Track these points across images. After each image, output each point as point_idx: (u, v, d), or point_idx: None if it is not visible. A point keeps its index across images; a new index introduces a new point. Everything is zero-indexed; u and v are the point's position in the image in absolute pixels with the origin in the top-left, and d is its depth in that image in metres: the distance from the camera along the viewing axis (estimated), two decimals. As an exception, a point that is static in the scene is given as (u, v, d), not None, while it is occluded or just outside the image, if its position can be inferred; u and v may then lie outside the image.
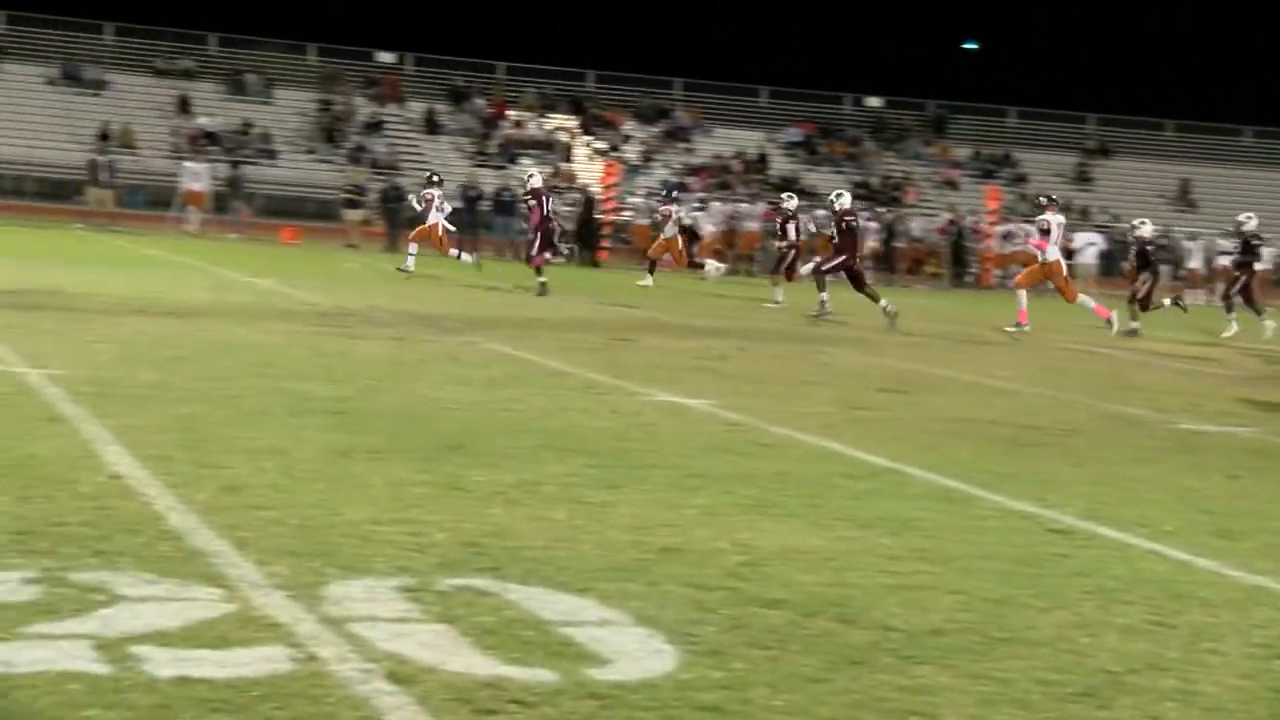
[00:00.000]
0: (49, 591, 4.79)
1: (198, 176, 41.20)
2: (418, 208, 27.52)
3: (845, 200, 23.02)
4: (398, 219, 38.43)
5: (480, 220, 40.52)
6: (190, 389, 9.70)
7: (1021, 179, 58.41)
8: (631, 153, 55.50)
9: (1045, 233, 21.64)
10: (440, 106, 56.77)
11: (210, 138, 49.69)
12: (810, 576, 5.76)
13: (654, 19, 68.21)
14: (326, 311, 17.08)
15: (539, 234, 24.19)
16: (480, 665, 4.38)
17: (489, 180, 44.91)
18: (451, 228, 27.58)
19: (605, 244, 38.80)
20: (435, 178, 28.15)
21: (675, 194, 28.82)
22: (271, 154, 51.39)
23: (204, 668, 4.16)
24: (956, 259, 43.12)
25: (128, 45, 55.64)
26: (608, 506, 6.81)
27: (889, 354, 16.83)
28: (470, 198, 41.11)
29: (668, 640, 4.75)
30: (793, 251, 26.05)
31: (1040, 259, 21.97)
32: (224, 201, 41.42)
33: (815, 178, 56.61)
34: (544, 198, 24.74)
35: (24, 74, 52.57)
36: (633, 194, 44.02)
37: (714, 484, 7.56)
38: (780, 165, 57.07)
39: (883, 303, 21.41)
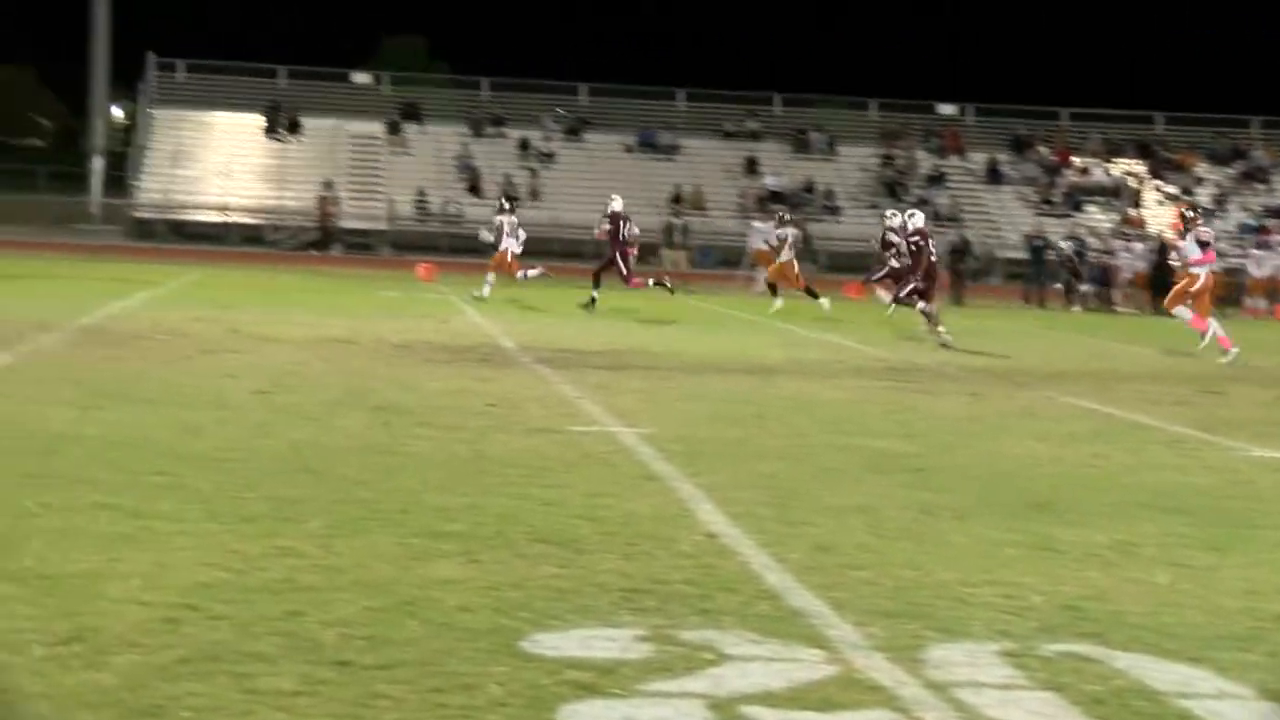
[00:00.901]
0: (660, 649, 4.93)
1: (766, 235, 42.21)
2: (489, 238, 27.55)
3: (918, 220, 23.06)
4: (963, 271, 38.25)
5: (1048, 271, 39.80)
6: (771, 446, 9.88)
7: None
8: (1204, 196, 53.32)
9: (1205, 245, 20.97)
10: (1002, 156, 56.23)
11: (776, 196, 50.90)
12: None
13: (1230, 57, 65.47)
14: (897, 366, 17.09)
15: (619, 256, 25.08)
16: (1093, 738, 4.23)
17: (1054, 230, 44.06)
18: (518, 250, 27.29)
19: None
20: (505, 204, 28.47)
21: (787, 217, 30.14)
22: (835, 210, 52.19)
23: (814, 730, 4.18)
24: None
25: (698, 110, 57.81)
26: (1213, 570, 6.50)
27: None
28: (1036, 248, 40.49)
29: (1295, 717, 4.47)
30: (883, 268, 25.36)
31: (1189, 271, 21.09)
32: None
33: None
34: (621, 221, 25.34)
35: (604, 142, 55.43)
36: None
37: (1328, 547, 7.09)
38: (1371, 201, 53.56)
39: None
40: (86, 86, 56.90)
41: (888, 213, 28.07)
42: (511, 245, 27.06)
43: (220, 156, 53.20)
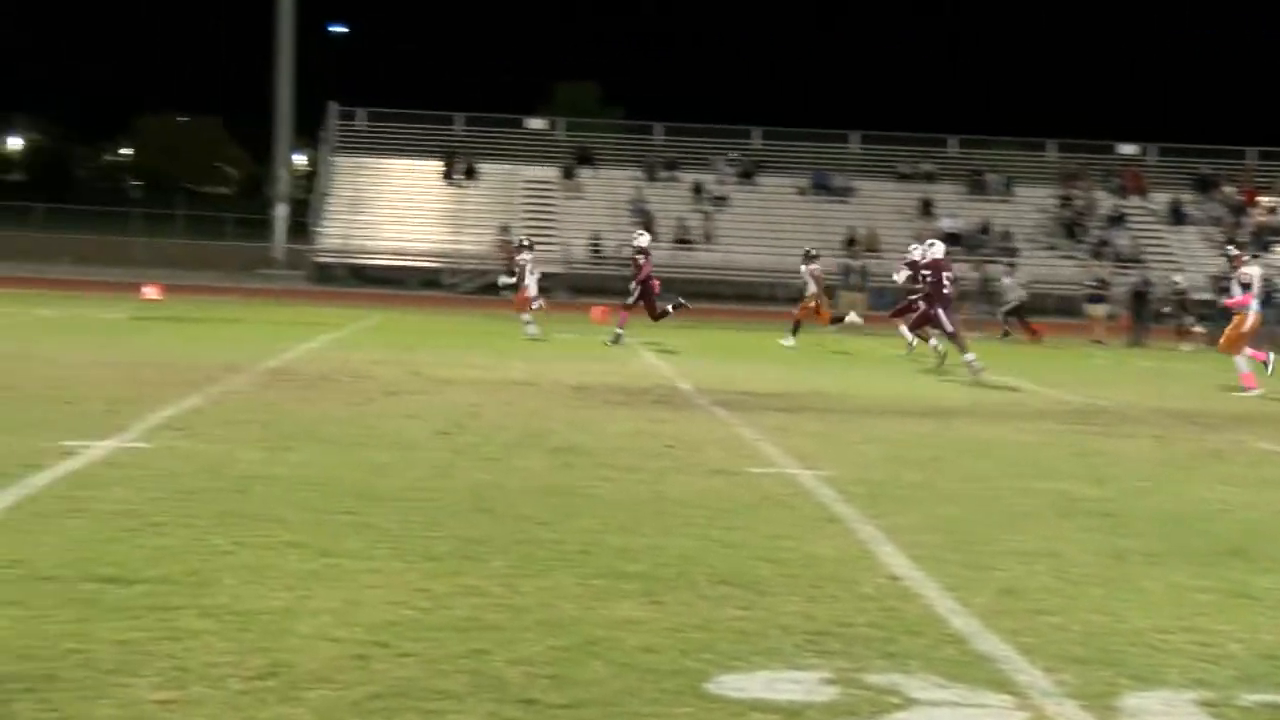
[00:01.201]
0: (846, 693, 4.89)
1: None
2: (510, 279, 28.35)
3: (937, 250, 23.31)
4: (1145, 313, 37.53)
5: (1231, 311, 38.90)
6: (952, 489, 9.76)
7: None
8: (1398, 233, 51.85)
9: (1247, 287, 20.49)
10: (1186, 196, 55.20)
11: (952, 238, 50.43)
12: None
13: None
14: (1079, 409, 16.80)
15: (642, 289, 26.36)
16: (1299, 791, 4.10)
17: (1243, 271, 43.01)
18: (535, 291, 27.68)
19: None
20: (525, 241, 29.03)
21: (814, 253, 30.19)
22: (1011, 252, 51.57)
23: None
24: None
25: (872, 152, 57.64)
26: None
27: None
28: (1222, 289, 39.61)
29: None
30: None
31: (1243, 314, 20.50)
32: (969, 301, 41.80)
33: None
34: (647, 256, 26.77)
35: (777, 185, 55.50)
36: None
37: None
38: None
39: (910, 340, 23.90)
40: (270, 136, 58.39)
41: (911, 246, 28.13)
42: (531, 285, 27.70)
43: (399, 202, 54.18)
